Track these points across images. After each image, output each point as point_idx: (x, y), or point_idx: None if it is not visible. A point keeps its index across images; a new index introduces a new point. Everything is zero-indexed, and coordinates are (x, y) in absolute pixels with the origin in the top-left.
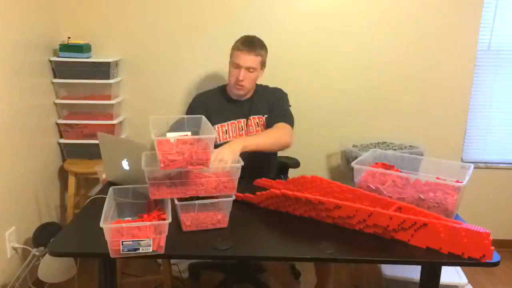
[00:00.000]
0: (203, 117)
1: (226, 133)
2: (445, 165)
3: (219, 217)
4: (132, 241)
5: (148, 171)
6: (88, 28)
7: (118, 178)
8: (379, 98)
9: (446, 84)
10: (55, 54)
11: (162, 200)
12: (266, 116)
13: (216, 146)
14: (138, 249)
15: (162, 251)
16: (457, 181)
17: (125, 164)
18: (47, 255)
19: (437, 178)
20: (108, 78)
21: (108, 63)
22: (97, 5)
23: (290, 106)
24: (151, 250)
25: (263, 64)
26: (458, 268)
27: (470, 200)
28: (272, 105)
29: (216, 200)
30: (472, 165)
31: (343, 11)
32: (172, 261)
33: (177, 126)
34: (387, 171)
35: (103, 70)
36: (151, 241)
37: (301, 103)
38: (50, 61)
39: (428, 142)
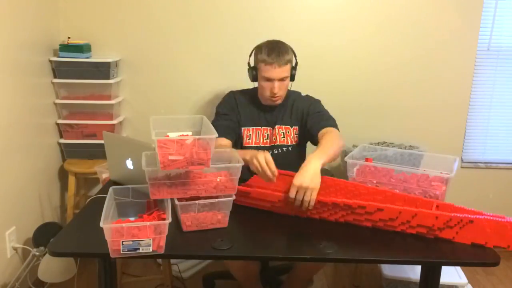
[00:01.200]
0: (204, 117)
1: (250, 138)
2: (431, 158)
3: (219, 217)
4: (132, 241)
5: (149, 171)
6: (88, 28)
7: (122, 178)
8: (378, 98)
9: (446, 84)
10: (55, 54)
11: (162, 200)
12: (295, 127)
13: (241, 147)
14: (138, 249)
15: (162, 251)
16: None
17: (129, 164)
18: (47, 255)
19: (424, 170)
20: (108, 78)
21: (108, 63)
22: (97, 5)
23: (328, 112)
24: (151, 250)
25: (293, 67)
26: (458, 268)
27: (470, 200)
28: (309, 115)
29: (216, 200)
30: (457, 158)
31: (342, 11)
32: (172, 261)
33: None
34: (379, 166)
35: (103, 70)
36: (151, 241)
37: None
38: (50, 61)
39: (428, 142)
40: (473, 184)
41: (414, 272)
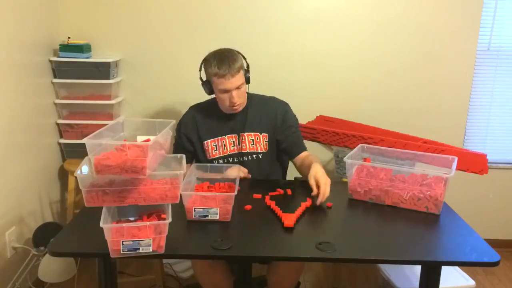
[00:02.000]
0: (172, 122)
1: (216, 149)
2: (430, 158)
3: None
4: (132, 241)
5: (81, 177)
6: (88, 28)
7: None
8: (378, 98)
9: (446, 84)
10: (55, 54)
11: None
12: (264, 134)
13: (208, 161)
14: (138, 249)
15: (162, 251)
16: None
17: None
18: (47, 255)
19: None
20: (108, 78)
21: (108, 63)
22: (97, 5)
23: (296, 120)
24: (151, 250)
25: (245, 70)
26: (460, 270)
27: (470, 200)
28: (281, 127)
29: (216, 193)
30: (457, 158)
31: (343, 10)
32: (164, 260)
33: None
34: (378, 166)
35: (103, 70)
36: (151, 241)
37: (300, 103)
38: (50, 61)
39: None
40: (473, 184)
41: (414, 272)
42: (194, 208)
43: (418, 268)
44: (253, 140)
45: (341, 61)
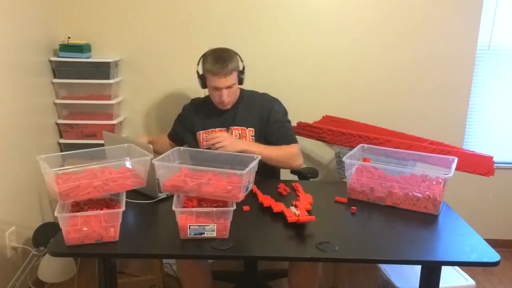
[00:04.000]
0: (150, 147)
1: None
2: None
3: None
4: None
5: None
6: (88, 28)
7: None
8: (378, 99)
9: (446, 83)
10: (55, 54)
11: None
12: (251, 129)
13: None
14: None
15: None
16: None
17: (128, 164)
18: (47, 255)
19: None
20: (108, 78)
21: (108, 63)
22: (97, 5)
23: (288, 120)
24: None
25: (240, 72)
26: (461, 271)
27: (470, 200)
28: (269, 123)
29: (214, 209)
30: (457, 158)
31: (343, 10)
32: (164, 260)
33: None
34: (378, 166)
35: (103, 70)
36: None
37: (306, 103)
38: (50, 61)
39: None
40: (473, 184)
41: (414, 272)
42: (189, 226)
43: (418, 268)
44: (239, 134)
45: (340, 62)
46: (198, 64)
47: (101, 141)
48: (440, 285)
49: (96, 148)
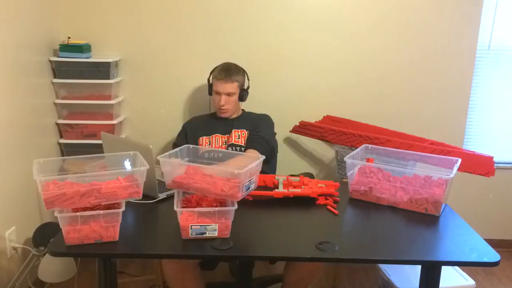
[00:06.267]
0: (151, 149)
1: (209, 144)
2: (432, 159)
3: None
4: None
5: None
6: (88, 28)
7: None
8: (378, 99)
9: (446, 84)
10: (55, 54)
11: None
12: (248, 131)
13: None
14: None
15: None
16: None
17: (127, 165)
18: (47, 255)
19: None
20: (108, 78)
21: (108, 63)
22: (97, 5)
23: (273, 132)
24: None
25: (242, 88)
26: (461, 271)
27: (470, 200)
28: (253, 129)
29: (216, 209)
30: (459, 159)
31: (343, 10)
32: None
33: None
34: (380, 166)
35: (103, 70)
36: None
37: (307, 103)
38: (50, 61)
39: None
40: (473, 184)
41: (414, 272)
42: (191, 226)
43: (418, 268)
44: (239, 135)
45: (338, 62)
46: (210, 74)
47: (101, 141)
48: (440, 285)
49: (97, 155)
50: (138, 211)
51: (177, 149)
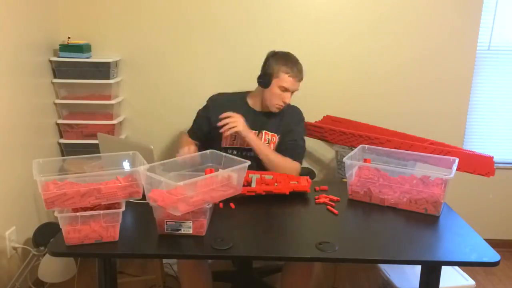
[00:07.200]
0: (152, 149)
1: (235, 139)
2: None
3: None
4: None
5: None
6: (88, 28)
7: None
8: (379, 99)
9: (446, 84)
10: (55, 54)
11: None
12: (279, 136)
13: (222, 149)
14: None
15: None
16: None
17: (125, 165)
18: (47, 255)
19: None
20: (108, 78)
21: (108, 63)
22: (97, 5)
23: (303, 139)
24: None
25: None
26: (461, 271)
27: (470, 200)
28: (288, 133)
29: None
30: (457, 159)
31: (343, 10)
32: (164, 260)
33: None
34: (377, 167)
35: (103, 70)
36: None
37: (307, 103)
38: (50, 61)
39: None
40: (473, 184)
41: (414, 272)
42: (166, 221)
43: (418, 268)
44: (268, 139)
45: (340, 62)
46: (266, 62)
47: None
48: (440, 285)
49: (97, 155)
50: (138, 211)
51: (198, 153)
